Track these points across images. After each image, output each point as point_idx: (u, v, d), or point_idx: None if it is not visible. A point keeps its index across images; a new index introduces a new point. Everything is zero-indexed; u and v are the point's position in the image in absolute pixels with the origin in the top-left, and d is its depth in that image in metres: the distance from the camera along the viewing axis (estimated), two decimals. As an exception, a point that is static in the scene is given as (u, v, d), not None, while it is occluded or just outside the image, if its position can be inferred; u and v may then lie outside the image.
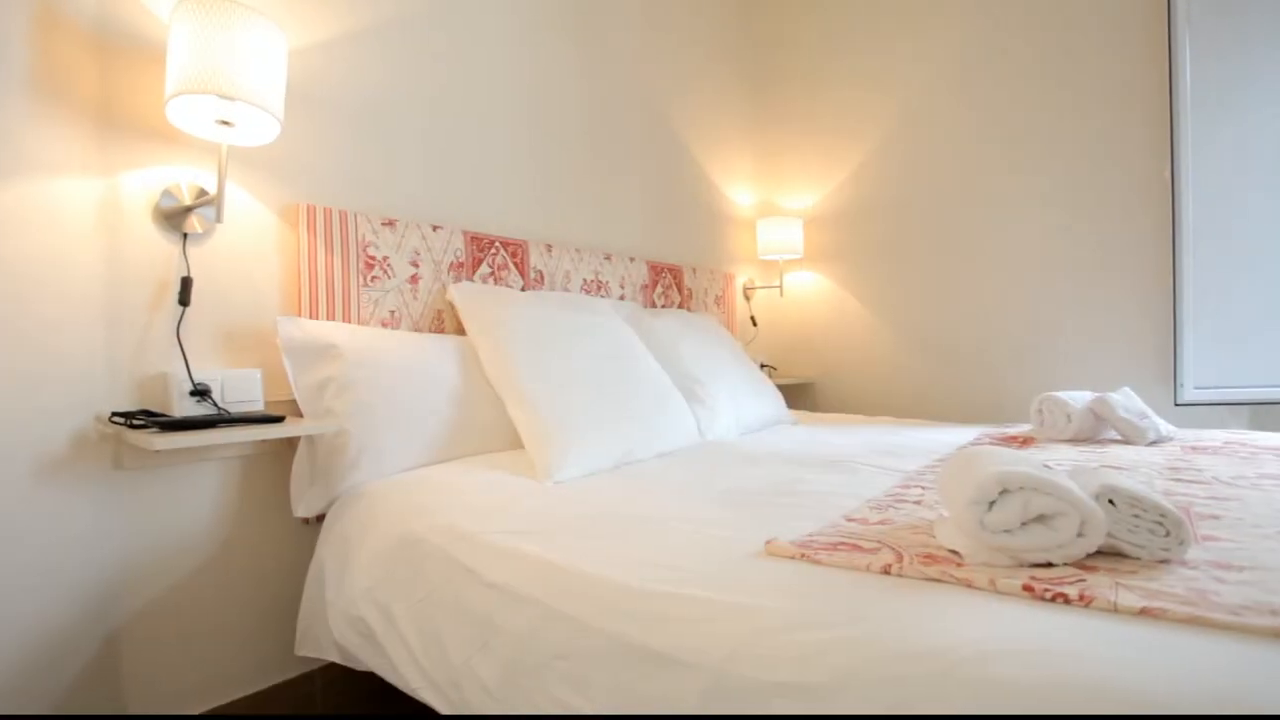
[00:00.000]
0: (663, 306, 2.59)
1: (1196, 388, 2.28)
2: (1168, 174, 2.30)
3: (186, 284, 1.31)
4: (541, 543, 1.00)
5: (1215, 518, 1.00)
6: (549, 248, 2.12)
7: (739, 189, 3.18)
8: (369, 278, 1.62)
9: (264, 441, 1.41)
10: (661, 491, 1.30)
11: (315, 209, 1.52)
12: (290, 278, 1.50)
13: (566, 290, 2.17)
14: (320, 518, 1.38)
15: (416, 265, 1.74)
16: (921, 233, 2.85)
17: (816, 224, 3.13)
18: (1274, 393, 2.27)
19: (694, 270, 2.77)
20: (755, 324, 3.15)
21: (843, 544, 0.89)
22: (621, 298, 2.39)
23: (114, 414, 1.18)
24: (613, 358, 1.75)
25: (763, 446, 1.81)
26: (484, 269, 1.92)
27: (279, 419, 1.27)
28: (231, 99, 1.15)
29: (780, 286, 3.15)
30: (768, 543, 0.89)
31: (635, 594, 0.80)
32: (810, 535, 0.94)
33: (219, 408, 1.28)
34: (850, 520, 1.03)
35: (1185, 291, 2.28)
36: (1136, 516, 0.82)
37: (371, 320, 1.63)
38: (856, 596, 0.73)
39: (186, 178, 1.33)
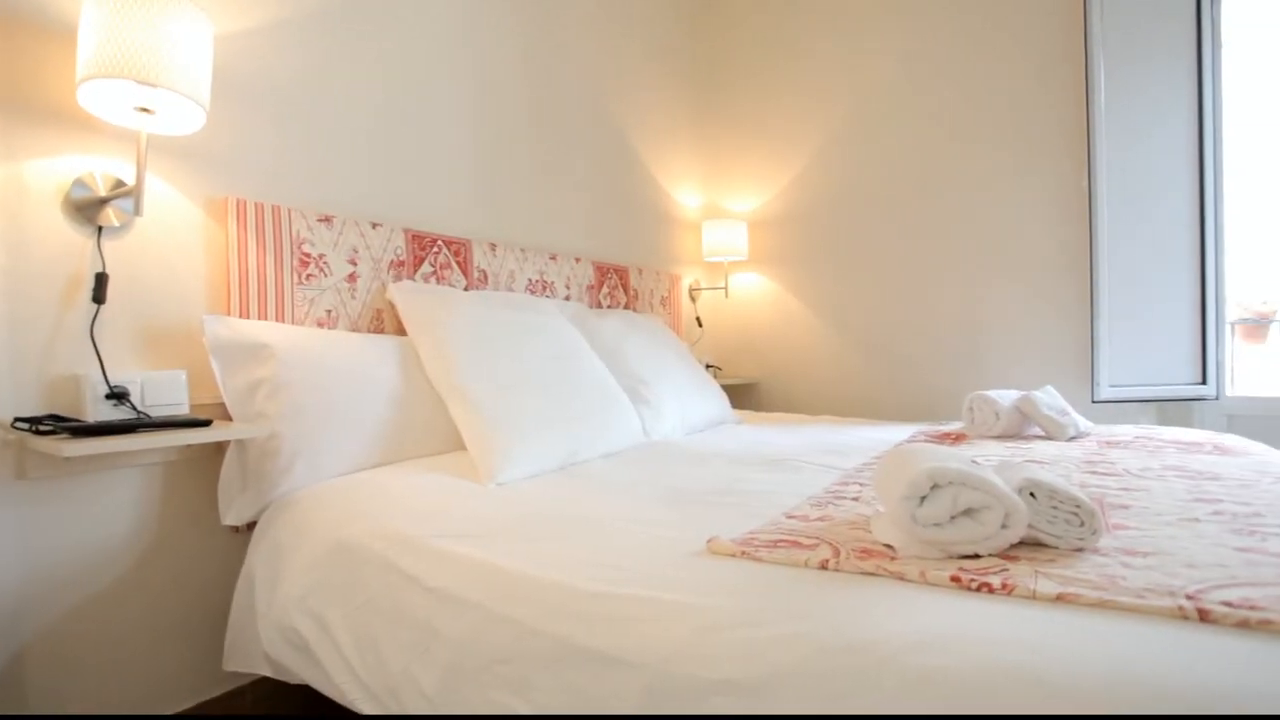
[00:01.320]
0: (608, 307, 2.59)
1: (1111, 386, 2.42)
2: (1085, 186, 2.44)
3: (101, 280, 1.23)
4: (483, 545, 0.99)
5: (1125, 507, 1.07)
6: (493, 247, 2.09)
7: (685, 191, 3.21)
8: (304, 276, 1.56)
9: (189, 447, 1.34)
10: (605, 492, 1.30)
11: (245, 203, 1.46)
12: (218, 275, 1.43)
13: (511, 290, 2.14)
14: (251, 526, 1.33)
15: (355, 263, 1.69)
16: (862, 237, 2.94)
17: (761, 226, 3.19)
18: (1177, 390, 2.44)
19: (640, 271, 2.78)
20: (701, 325, 3.19)
21: (783, 541, 0.91)
22: (567, 298, 2.37)
23: (17, 419, 1.10)
24: (557, 358, 1.74)
25: (707, 446, 1.83)
26: (426, 268, 1.88)
27: (205, 423, 1.21)
28: (151, 85, 1.09)
29: (725, 288, 3.19)
30: (709, 541, 0.91)
31: (578, 595, 0.80)
32: (752, 533, 0.95)
33: (139, 411, 1.21)
34: (791, 517, 1.05)
35: (1101, 298, 2.41)
36: (1055, 508, 0.87)
37: (307, 320, 1.57)
38: (795, 592, 0.74)
39: (102, 167, 1.26)
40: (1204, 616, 0.63)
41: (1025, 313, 2.62)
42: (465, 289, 1.97)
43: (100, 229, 1.24)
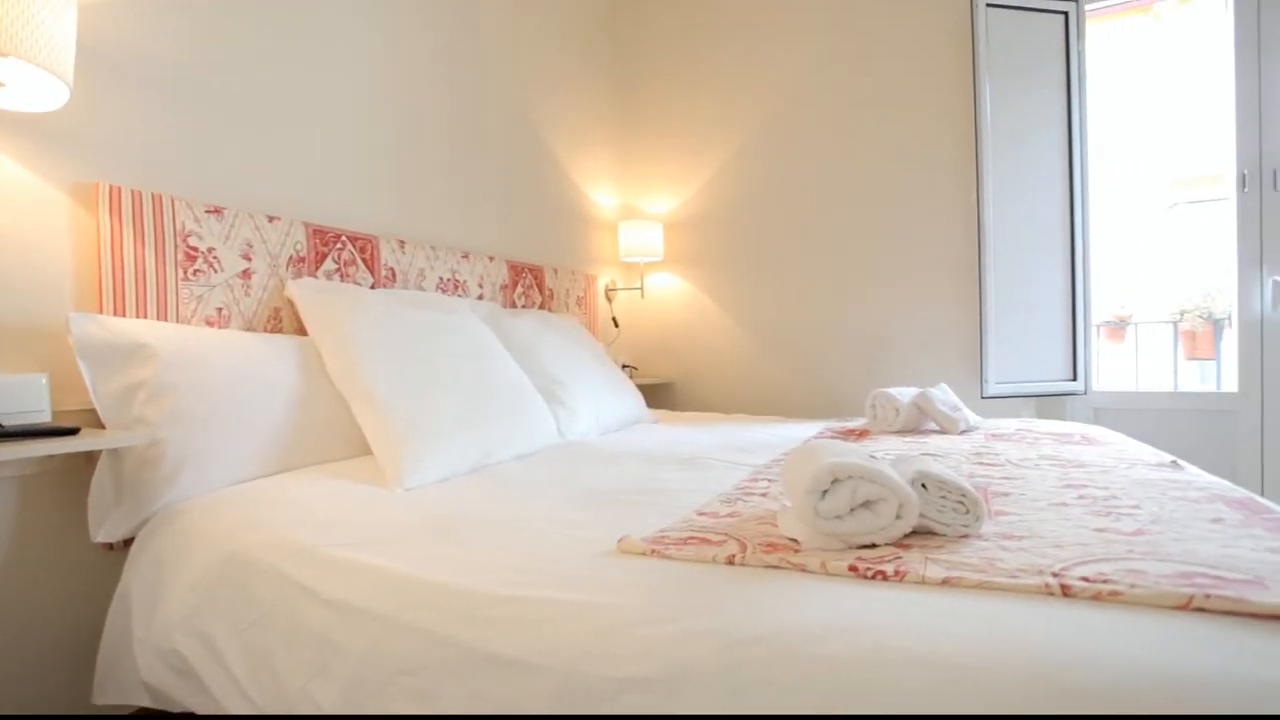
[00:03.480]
0: (523, 307, 2.55)
1: (997, 383, 2.61)
2: (973, 198, 2.62)
3: (-56, 273, 1.10)
4: (388, 553, 0.95)
5: (1006, 495, 1.15)
6: (402, 244, 2.02)
7: (601, 191, 3.21)
8: (190, 271, 1.46)
9: (52, 458, 1.22)
10: (518, 494, 1.28)
11: (120, 190, 1.34)
12: (87, 269, 1.31)
13: (421, 289, 2.08)
14: (128, 543, 1.22)
15: (249, 259, 1.58)
16: (773, 241, 3.04)
17: (676, 228, 3.24)
18: (1052, 386, 2.67)
19: (555, 271, 2.76)
20: (617, 325, 3.20)
21: (693, 538, 0.92)
22: (480, 297, 2.32)
23: None
24: (469, 358, 1.70)
25: (622, 446, 1.84)
26: (329, 265, 1.79)
27: (72, 431, 1.10)
28: None
29: (641, 288, 3.22)
30: (620, 541, 0.91)
31: (485, 600, 0.78)
32: (663, 531, 0.96)
33: (-10, 419, 1.09)
34: (701, 515, 1.07)
35: (988, 301, 2.60)
36: (944, 498, 0.93)
37: (194, 319, 1.46)
38: (702, 588, 0.76)
39: (-57, 146, 1.12)
40: (1066, 591, 0.69)
41: (922, 315, 2.79)
42: (372, 287, 1.90)
43: (-58, 215, 1.11)
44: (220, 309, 1.52)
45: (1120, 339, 3.39)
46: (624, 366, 3.06)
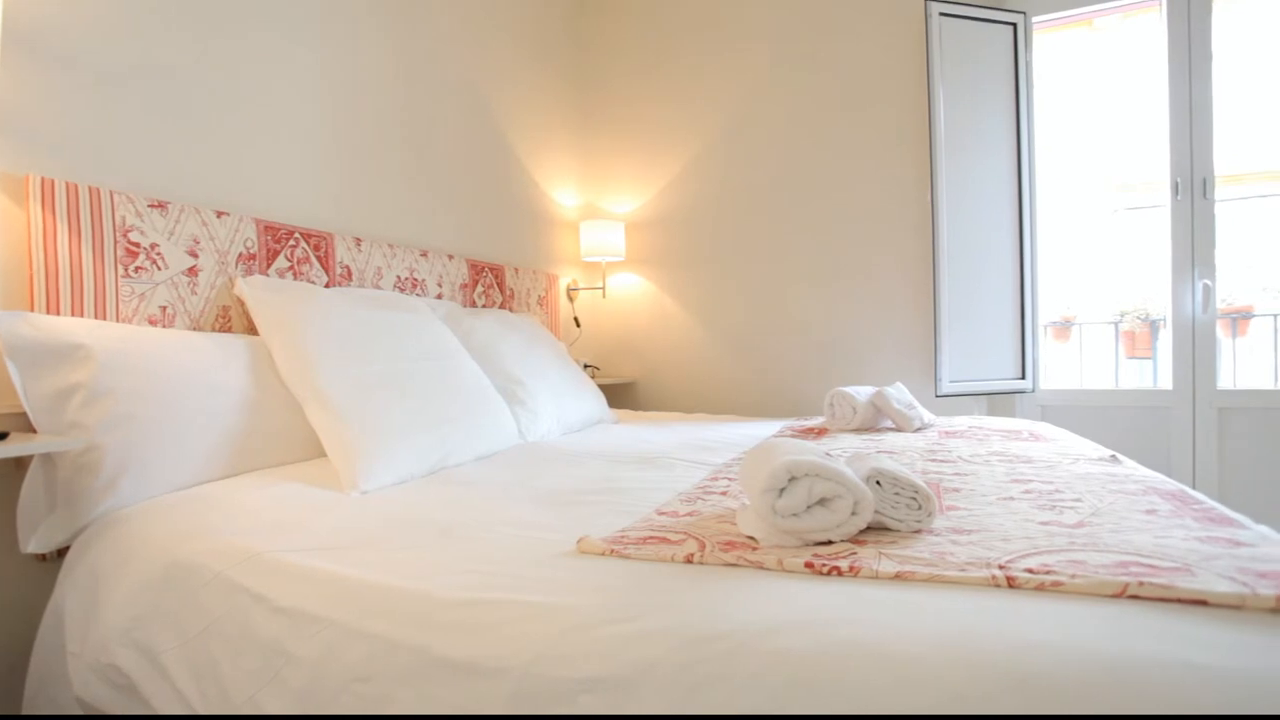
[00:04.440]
0: (483, 306, 2.53)
1: (951, 381, 2.69)
2: (928, 200, 2.69)
3: None
4: (342, 558, 0.93)
5: (957, 490, 1.19)
6: (358, 242, 1.98)
7: (563, 190, 3.20)
8: (131, 268, 1.40)
9: (-20, 464, 1.15)
10: (477, 496, 1.26)
11: (54, 183, 1.28)
12: (16, 265, 1.25)
13: (378, 288, 2.04)
14: (62, 553, 1.16)
15: (195, 255, 1.53)
16: (733, 241, 3.07)
17: (638, 228, 3.24)
18: (1003, 385, 2.76)
19: (516, 270, 2.74)
20: (579, 325, 3.19)
21: (652, 537, 0.93)
22: (439, 296, 2.29)
23: None
24: (428, 358, 1.68)
25: (583, 446, 1.83)
26: (281, 262, 1.74)
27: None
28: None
29: (603, 288, 3.21)
30: (579, 541, 0.91)
31: (441, 603, 0.77)
32: (623, 531, 0.96)
33: (-90, 424, 1.02)
34: (662, 514, 1.07)
35: (942, 302, 2.67)
36: (897, 494, 0.95)
37: (135, 318, 1.40)
38: (660, 587, 0.76)
39: None
40: (1011, 583, 0.71)
41: (879, 315, 2.85)
42: (326, 286, 1.85)
43: None
44: (164, 308, 1.46)
45: (1066, 339, 3.53)
46: (586, 366, 3.05)
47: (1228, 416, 2.62)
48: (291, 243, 1.77)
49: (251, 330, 1.57)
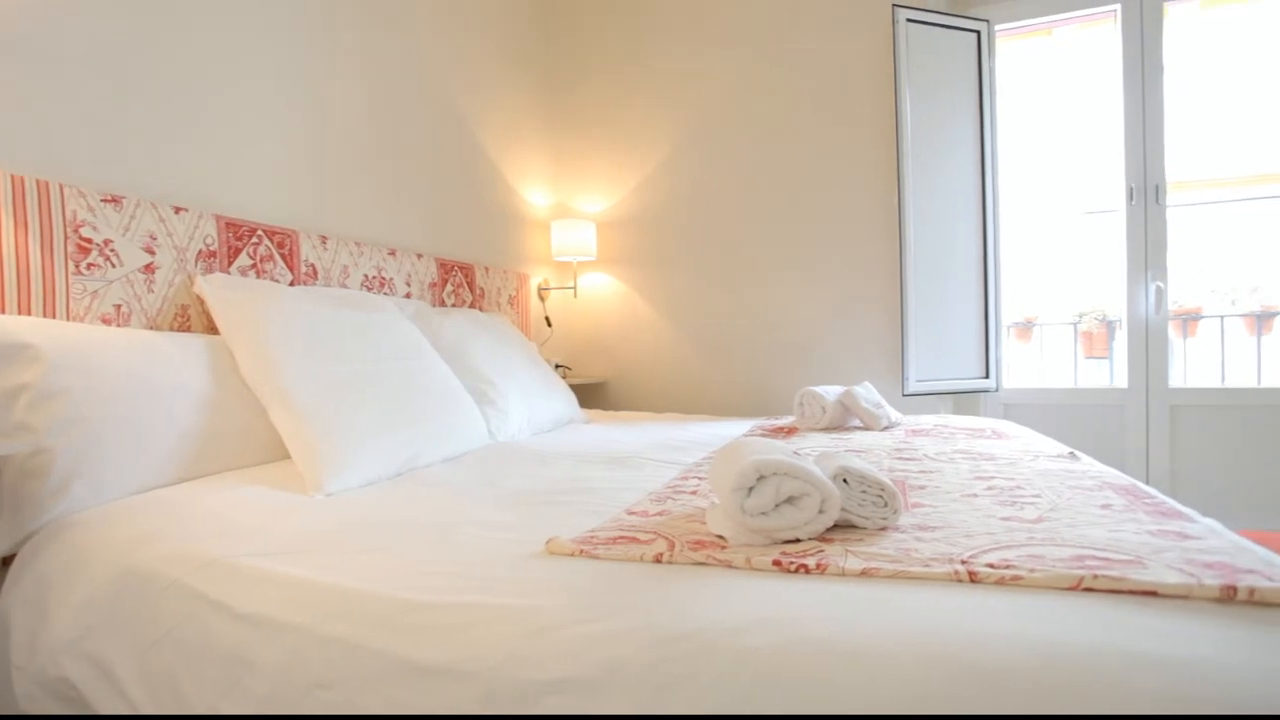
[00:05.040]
0: (453, 306, 2.50)
1: (917, 380, 2.74)
2: (895, 203, 2.73)
3: None
4: (306, 562, 0.91)
5: (922, 488, 1.21)
6: (324, 240, 1.94)
7: (534, 189, 3.18)
8: (83, 265, 1.35)
9: (-81, 469, 1.10)
10: (446, 497, 1.25)
11: None
12: (-39, 261, 1.20)
13: (345, 287, 2.00)
14: (7, 561, 1.12)
15: (152, 252, 1.48)
16: (704, 241, 3.09)
17: (609, 227, 3.24)
18: (967, 384, 2.82)
19: (487, 270, 2.72)
20: (550, 324, 3.17)
21: (622, 537, 0.92)
22: (408, 295, 2.26)
23: None
24: (396, 358, 1.65)
25: (553, 446, 1.83)
26: (243, 260, 1.70)
27: (-58, 439, 1.00)
28: None
29: (574, 288, 3.20)
30: (548, 542, 0.90)
31: (407, 606, 0.76)
32: (592, 531, 0.96)
33: None
34: (631, 514, 1.07)
35: (909, 304, 2.72)
36: (864, 492, 0.96)
37: (88, 316, 1.36)
38: (629, 587, 0.76)
39: None
40: (973, 577, 0.73)
41: (848, 316, 2.89)
42: (291, 284, 1.81)
43: None
44: (119, 306, 1.42)
45: (1028, 339, 3.62)
46: (557, 366, 3.04)
47: (1179, 413, 2.72)
48: (254, 240, 1.73)
49: (212, 330, 1.53)
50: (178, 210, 1.54)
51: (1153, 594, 0.67)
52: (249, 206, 1.77)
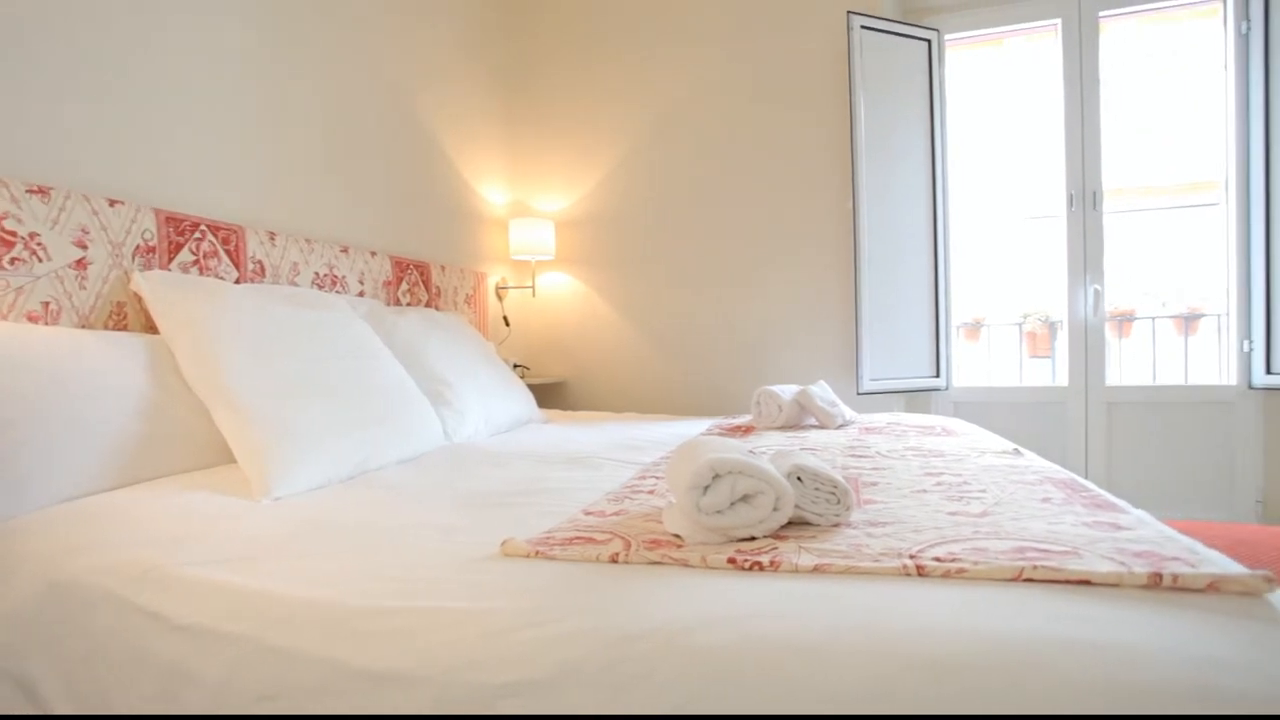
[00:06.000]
0: (408, 305, 2.45)
1: (871, 380, 2.80)
2: (850, 207, 2.79)
3: None
4: (251, 569, 0.88)
5: (874, 484, 1.24)
6: (272, 236, 1.88)
7: (491, 187, 3.14)
8: (6, 259, 1.28)
9: None
10: (399, 500, 1.22)
11: (-86, 165, 1.15)
12: None
13: (294, 285, 1.94)
14: (-77, 573, 1.05)
15: (84, 247, 1.42)
16: (664, 241, 3.10)
17: (568, 226, 3.22)
18: (919, 382, 2.90)
19: (443, 268, 2.67)
20: (508, 324, 3.14)
21: (578, 538, 0.92)
22: (361, 294, 2.21)
23: None
24: (348, 358, 1.61)
25: (510, 447, 1.81)
26: (185, 256, 1.64)
27: None
28: None
29: (533, 287, 3.18)
30: (503, 543, 0.89)
31: (357, 613, 0.74)
32: (548, 532, 0.95)
33: None
34: (589, 514, 1.07)
35: (863, 304, 2.78)
36: (817, 490, 0.98)
37: (12, 314, 1.29)
38: (585, 588, 0.76)
39: None
40: (920, 571, 0.75)
41: (804, 316, 2.94)
42: (237, 282, 1.75)
43: None
44: (47, 304, 1.34)
45: (976, 339, 3.74)
46: (515, 366, 3.01)
47: (1115, 410, 2.85)
48: (197, 235, 1.67)
49: (151, 329, 1.47)
50: (113, 203, 1.47)
51: (1087, 583, 0.70)
52: (192, 200, 1.70)
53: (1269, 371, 2.59)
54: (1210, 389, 2.79)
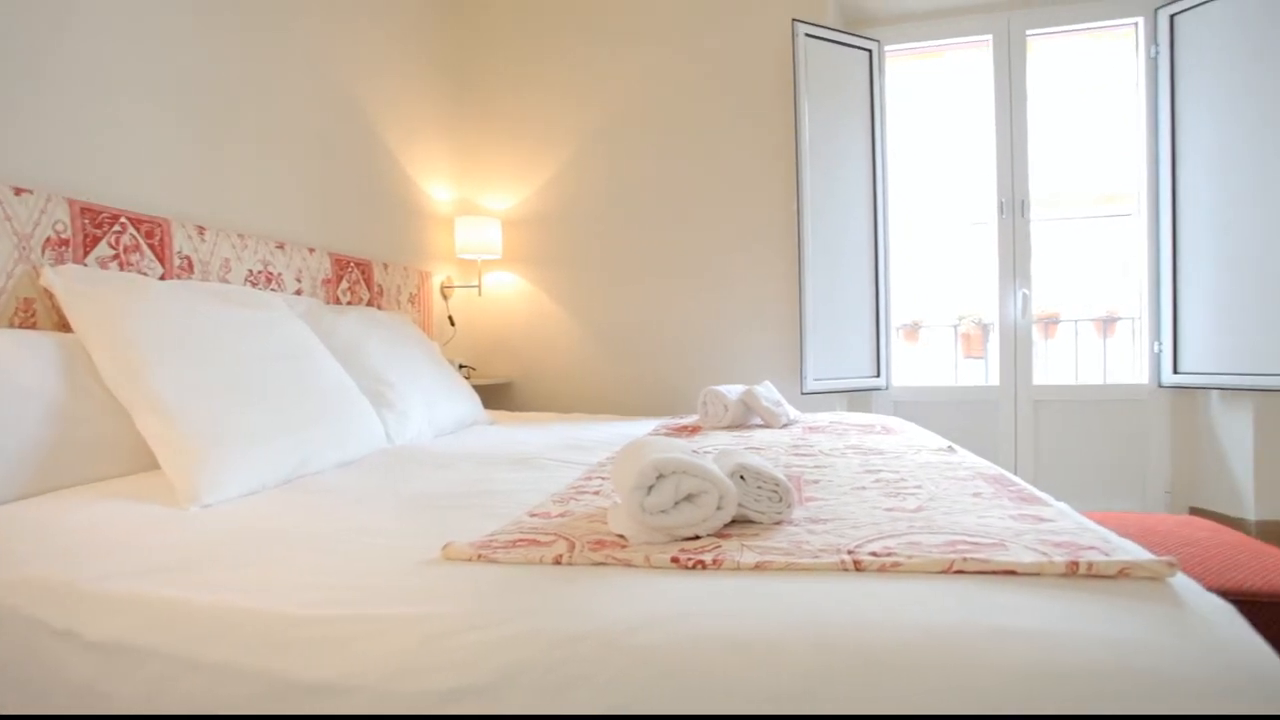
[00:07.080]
0: (349, 304, 2.38)
1: (815, 380, 2.87)
2: (794, 209, 2.85)
3: None
4: (175, 581, 0.83)
5: (816, 482, 1.27)
6: (201, 230, 1.79)
7: (436, 184, 3.08)
8: (-101, 251, 1.18)
9: None
10: (338, 504, 1.19)
11: None
12: None
13: (225, 282, 1.86)
14: None
15: (-13, 239, 1.32)
16: (611, 242, 3.10)
17: (515, 225, 3.19)
18: (860, 382, 2.98)
19: (385, 266, 2.60)
20: (453, 324, 3.08)
21: (522, 540, 0.91)
22: (298, 293, 2.13)
23: None
24: (283, 358, 1.55)
25: (454, 449, 1.77)
26: (103, 250, 1.55)
27: None
28: None
29: (479, 286, 3.13)
30: (445, 547, 0.87)
31: (290, 622, 0.71)
32: (492, 535, 0.94)
33: None
34: (534, 516, 1.06)
35: (807, 306, 2.84)
36: (760, 488, 0.99)
37: (-96, 310, 1.19)
38: (528, 590, 0.75)
39: None
40: (858, 566, 0.77)
41: (750, 317, 2.99)
42: (162, 278, 1.66)
43: None
44: (-54, 300, 1.25)
45: (915, 340, 3.87)
46: (460, 367, 2.96)
47: (1041, 408, 3.00)
48: (117, 228, 1.58)
49: (63, 327, 1.38)
50: (19, 191, 1.38)
51: (1012, 573, 0.73)
52: (111, 190, 1.61)
53: (1176, 371, 2.77)
54: (1125, 388, 2.97)
